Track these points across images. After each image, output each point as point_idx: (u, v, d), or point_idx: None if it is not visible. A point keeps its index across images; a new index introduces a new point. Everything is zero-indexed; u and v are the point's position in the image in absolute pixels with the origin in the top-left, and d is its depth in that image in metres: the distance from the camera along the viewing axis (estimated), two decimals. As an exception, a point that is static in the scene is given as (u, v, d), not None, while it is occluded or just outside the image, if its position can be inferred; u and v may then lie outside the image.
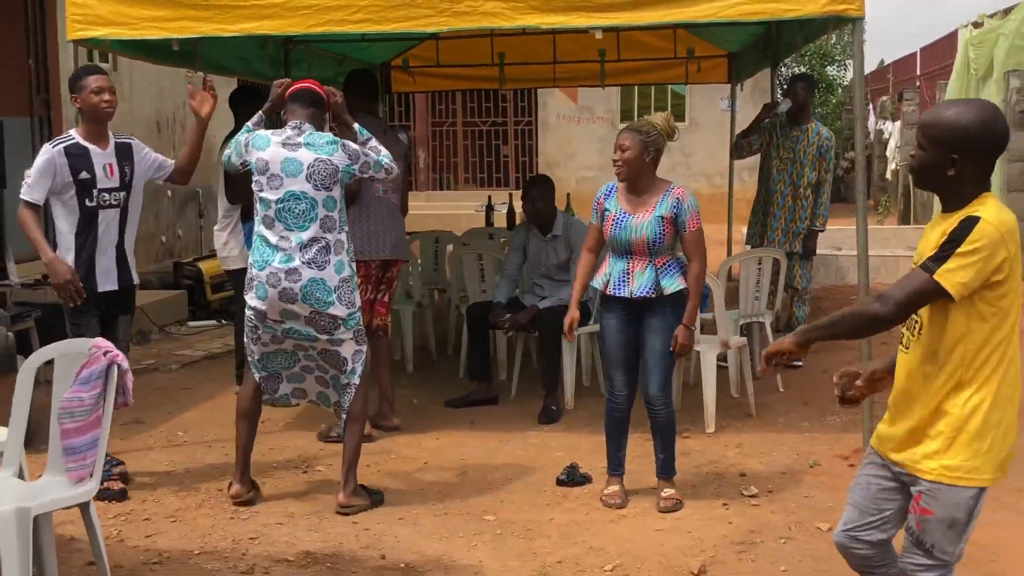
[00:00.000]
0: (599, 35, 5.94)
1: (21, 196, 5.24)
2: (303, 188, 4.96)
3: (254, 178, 5.05)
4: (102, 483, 5.16)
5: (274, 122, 5.43)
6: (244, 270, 6.90)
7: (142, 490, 5.40)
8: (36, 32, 10.38)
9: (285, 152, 5.00)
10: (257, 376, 5.22)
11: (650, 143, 5.03)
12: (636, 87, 19.30)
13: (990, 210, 2.86)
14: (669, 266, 5.05)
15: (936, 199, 3.13)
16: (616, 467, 5.28)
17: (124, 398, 3.86)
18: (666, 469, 5.21)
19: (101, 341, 3.90)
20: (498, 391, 7.16)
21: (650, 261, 5.04)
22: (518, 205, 11.29)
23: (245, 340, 5.23)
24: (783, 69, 22.76)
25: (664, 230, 5.02)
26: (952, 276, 2.83)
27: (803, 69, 26.29)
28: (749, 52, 10.15)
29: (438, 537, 4.77)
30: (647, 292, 5.03)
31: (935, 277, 2.85)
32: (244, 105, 7.12)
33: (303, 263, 4.93)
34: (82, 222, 5.26)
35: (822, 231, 7.94)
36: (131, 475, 5.56)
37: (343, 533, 4.81)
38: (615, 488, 5.21)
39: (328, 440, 6.23)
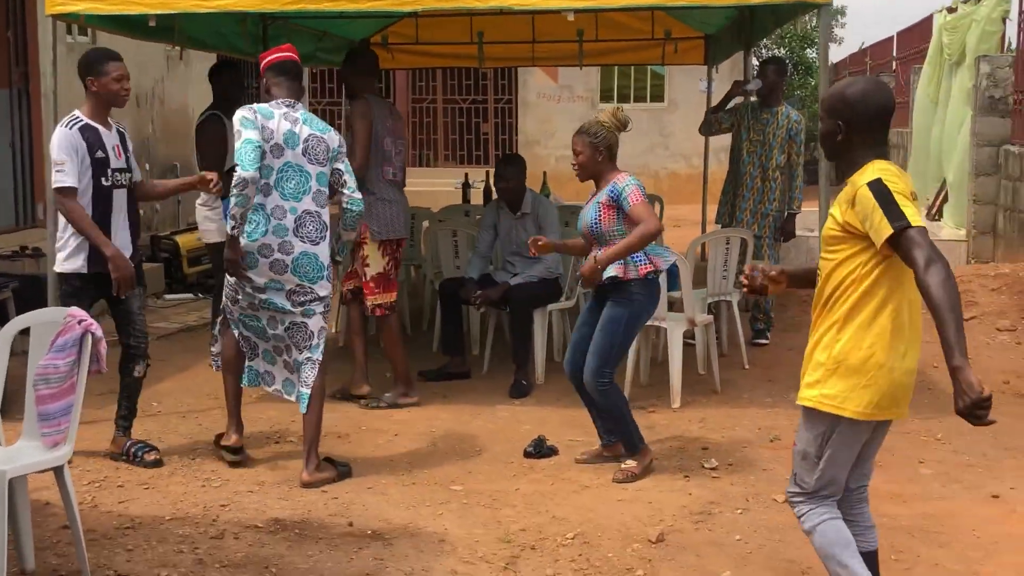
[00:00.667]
0: (571, 17, 6.04)
1: (59, 184, 5.13)
2: (299, 161, 5.09)
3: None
4: (138, 455, 5.39)
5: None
6: (222, 244, 7.05)
7: (115, 459, 5.50)
8: (15, 3, 10.39)
9: (287, 124, 5.11)
10: (237, 333, 5.36)
11: (599, 143, 5.18)
12: (616, 67, 19.39)
13: (877, 170, 3.14)
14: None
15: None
16: (600, 435, 5.46)
17: (98, 365, 3.96)
18: (624, 445, 5.34)
19: (76, 310, 4.00)
20: (471, 366, 7.28)
21: (597, 248, 5.20)
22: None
23: (225, 300, 5.37)
24: (762, 52, 22.88)
25: (600, 215, 5.16)
26: (916, 217, 3.05)
27: (783, 52, 26.42)
28: (725, 35, 10.27)
29: (405, 506, 4.89)
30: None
31: (913, 223, 3.02)
32: (222, 78, 7.21)
33: (296, 236, 5.06)
34: (99, 202, 5.28)
35: (798, 213, 8.05)
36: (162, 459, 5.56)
37: (312, 501, 4.93)
38: (595, 450, 5.50)
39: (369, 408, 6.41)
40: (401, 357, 6.54)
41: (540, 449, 5.60)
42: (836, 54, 28.77)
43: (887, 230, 3.05)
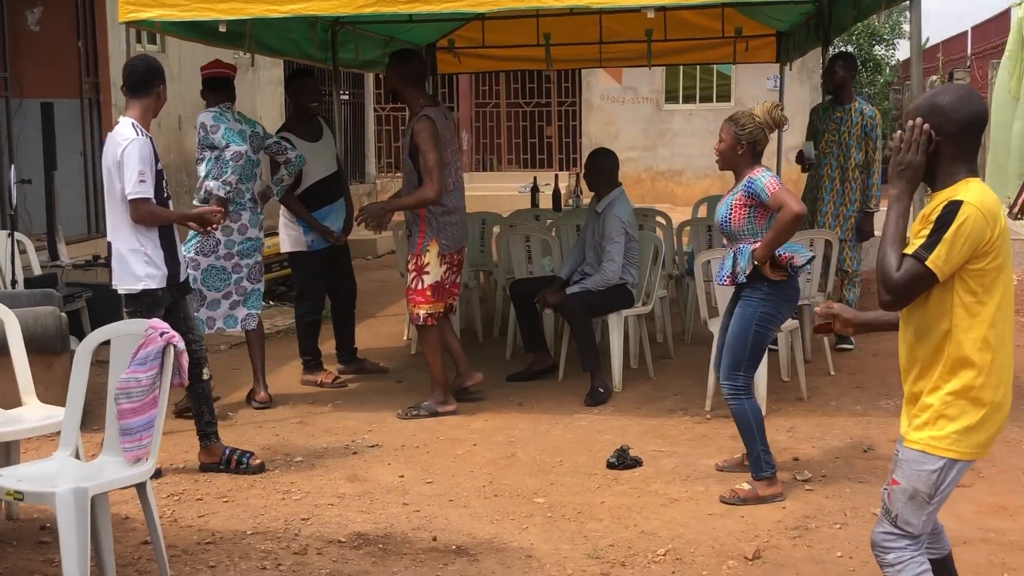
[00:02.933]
0: (651, 14, 5.87)
1: (139, 196, 5.00)
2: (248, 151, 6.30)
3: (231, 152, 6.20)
4: (243, 461, 5.38)
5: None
6: (297, 253, 7.00)
7: (195, 471, 5.44)
8: (86, 13, 10.45)
9: (237, 124, 6.35)
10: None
11: (743, 135, 4.98)
12: (681, 67, 19.16)
13: (972, 192, 2.96)
14: (744, 249, 4.98)
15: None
16: None
17: (180, 378, 3.88)
18: (750, 465, 5.02)
19: (157, 322, 3.92)
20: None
21: (731, 246, 5.06)
22: (563, 186, 11.27)
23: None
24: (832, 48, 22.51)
25: (731, 213, 4.99)
26: (939, 260, 2.92)
27: (851, 48, 25.99)
28: (799, 31, 10.03)
29: (488, 519, 4.76)
30: (721, 280, 5.11)
31: (928, 264, 2.93)
32: (291, 87, 7.15)
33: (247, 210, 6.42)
34: None
35: (876, 212, 7.78)
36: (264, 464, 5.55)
37: (394, 515, 4.81)
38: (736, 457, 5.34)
39: (407, 417, 6.32)
40: (441, 365, 6.43)
41: (623, 460, 5.44)
42: (905, 50, 28.21)
43: (912, 249, 2.96)
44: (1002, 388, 3.08)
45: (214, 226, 5.49)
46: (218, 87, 6.44)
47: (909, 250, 2.97)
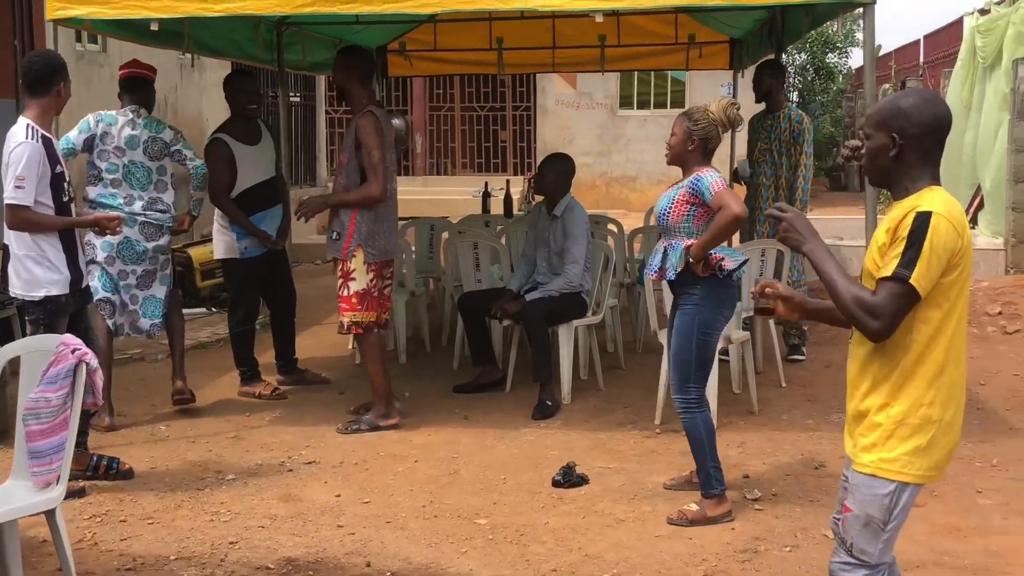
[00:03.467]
0: (599, 19, 5.70)
1: (12, 202, 4.78)
2: (140, 159, 6.21)
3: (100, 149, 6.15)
4: (112, 467, 5.20)
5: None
6: (230, 260, 6.77)
7: (120, 490, 5.19)
8: (23, 11, 10.13)
9: (128, 129, 6.19)
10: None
11: (696, 131, 4.83)
12: (635, 73, 19.06)
13: (939, 202, 2.84)
14: (676, 246, 4.83)
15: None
16: None
17: (93, 398, 3.65)
18: (700, 483, 4.85)
19: (69, 338, 3.69)
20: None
21: (665, 241, 4.92)
22: (515, 191, 11.10)
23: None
24: (786, 56, 22.51)
25: (671, 207, 4.84)
26: (921, 278, 2.79)
27: (804, 56, 26.07)
28: (752, 38, 9.93)
29: (427, 543, 4.56)
30: (650, 273, 4.97)
31: (912, 283, 2.79)
32: (229, 88, 6.90)
33: (147, 217, 6.23)
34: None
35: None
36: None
37: (327, 538, 4.60)
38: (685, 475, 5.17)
39: (347, 432, 6.11)
40: (383, 376, 6.22)
41: (569, 477, 5.26)
42: (857, 58, 28.36)
43: (890, 270, 2.80)
44: (953, 406, 2.93)
45: (111, 231, 5.32)
46: (130, 88, 6.29)
47: (887, 271, 2.82)
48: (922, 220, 2.79)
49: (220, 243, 6.83)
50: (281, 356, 7.22)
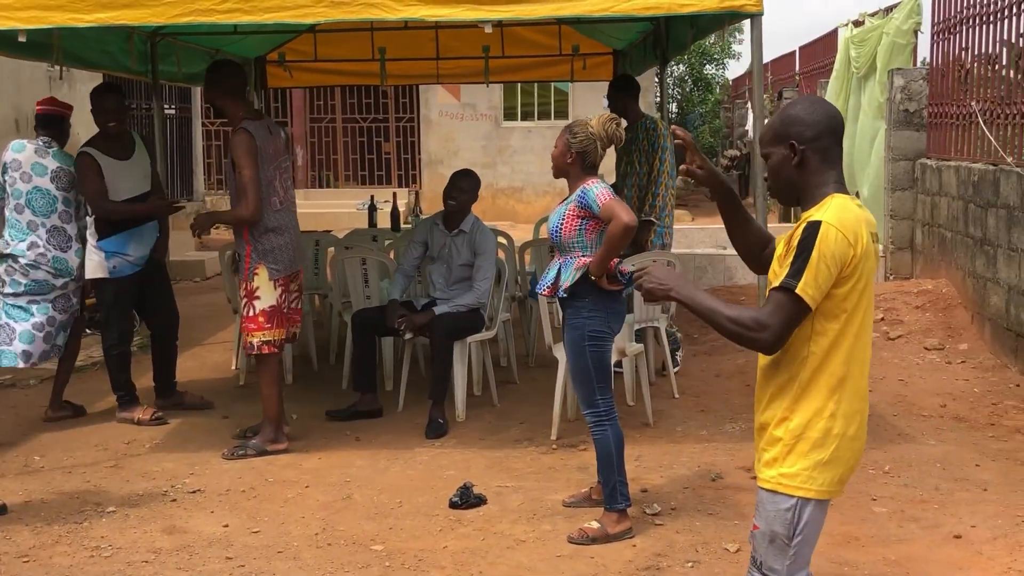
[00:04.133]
0: (488, 29, 5.61)
1: None
2: (47, 186, 6.39)
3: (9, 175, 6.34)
4: None
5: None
6: (100, 280, 6.46)
7: (-9, 526, 4.90)
8: None
9: (36, 157, 6.38)
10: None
11: (574, 144, 4.80)
12: (519, 84, 19.08)
13: (832, 211, 2.80)
14: (568, 262, 4.78)
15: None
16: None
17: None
18: (604, 498, 4.77)
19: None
20: (384, 403, 6.78)
21: (559, 258, 4.86)
22: (402, 203, 10.94)
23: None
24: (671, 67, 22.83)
25: (562, 222, 4.77)
26: (808, 288, 2.74)
27: (682, 67, 26.48)
28: (636, 50, 9.99)
29: (320, 572, 4.38)
30: (540, 289, 4.93)
31: (799, 293, 2.74)
32: (93, 105, 6.59)
33: (49, 245, 6.40)
34: None
35: (653, 220, 7.32)
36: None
37: (216, 571, 4.39)
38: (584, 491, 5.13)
39: (233, 457, 5.88)
40: (277, 400, 6.03)
41: (467, 498, 5.13)
42: (734, 70, 28.96)
43: (778, 281, 2.77)
44: (857, 419, 2.88)
45: None
46: (45, 124, 6.55)
47: (776, 282, 2.78)
48: (811, 230, 2.75)
49: (89, 263, 6.51)
50: (159, 378, 6.93)
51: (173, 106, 16.10)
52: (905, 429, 6.24)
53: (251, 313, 5.93)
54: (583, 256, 4.75)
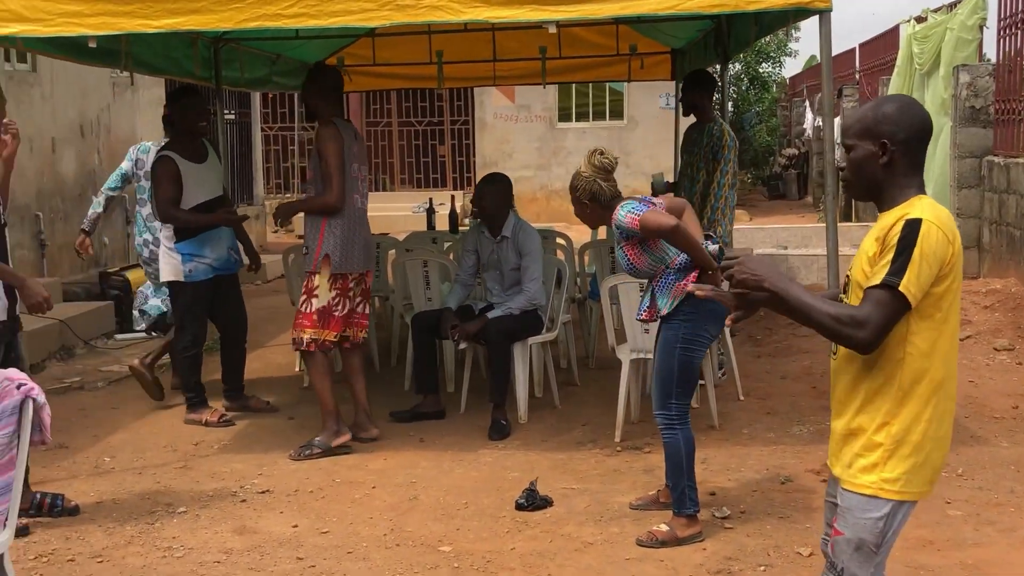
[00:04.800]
0: (552, 30, 5.59)
1: None
2: None
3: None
4: (57, 504, 5.02)
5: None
6: (176, 283, 6.54)
7: (66, 526, 4.96)
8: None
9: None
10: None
11: (582, 195, 4.83)
12: (574, 85, 19.04)
13: (928, 209, 2.76)
14: (663, 284, 4.74)
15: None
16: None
17: (41, 436, 3.43)
18: (673, 502, 4.74)
19: (14, 372, 3.47)
20: (446, 405, 6.80)
21: (650, 284, 4.83)
22: (459, 205, 10.95)
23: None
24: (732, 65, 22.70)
25: (628, 258, 4.73)
26: (911, 285, 2.69)
27: (739, 66, 26.23)
28: (695, 48, 9.90)
29: (391, 573, 4.40)
30: (639, 315, 4.93)
31: (902, 290, 2.69)
32: (176, 106, 6.69)
33: None
34: None
35: (716, 242, 7.22)
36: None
37: (287, 572, 4.42)
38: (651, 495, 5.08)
39: (300, 458, 5.95)
40: (330, 393, 6.08)
41: (532, 500, 5.12)
42: (791, 68, 28.69)
43: (879, 277, 2.70)
44: (948, 419, 2.86)
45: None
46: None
47: (876, 279, 2.72)
48: (912, 227, 2.70)
49: (166, 265, 6.60)
50: (228, 381, 7.00)
51: (233, 111, 16.27)
52: (977, 431, 6.13)
53: (307, 310, 6.02)
54: (674, 277, 4.70)
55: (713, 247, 4.70)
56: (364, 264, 6.17)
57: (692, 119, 7.57)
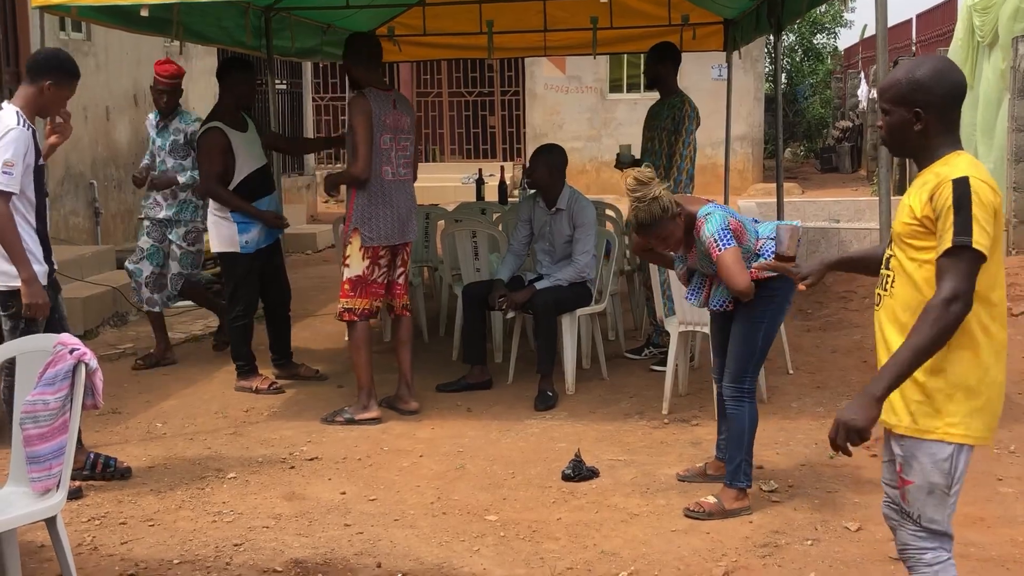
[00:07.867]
0: (603, -1, 5.55)
1: (2, 188, 4.60)
2: None
3: None
4: (111, 465, 5.10)
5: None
6: (231, 253, 6.59)
7: (118, 489, 5.05)
8: (4, 0, 9.92)
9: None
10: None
11: (651, 227, 4.54)
12: (625, 55, 18.90)
13: (970, 166, 2.85)
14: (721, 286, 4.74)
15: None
16: (718, 447, 5.04)
17: (93, 400, 3.50)
18: (727, 473, 4.73)
19: (67, 337, 3.54)
20: (494, 375, 6.81)
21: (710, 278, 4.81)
22: (509, 176, 10.94)
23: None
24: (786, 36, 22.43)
25: (714, 265, 4.62)
26: (982, 238, 2.76)
27: (793, 37, 25.91)
28: (747, 19, 9.78)
29: (437, 541, 4.43)
30: (689, 297, 4.95)
31: (975, 246, 2.75)
32: (228, 78, 6.71)
33: None
34: (40, 214, 4.89)
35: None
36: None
37: (335, 537, 4.46)
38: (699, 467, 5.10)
39: (331, 422, 6.02)
40: (365, 366, 6.10)
41: (579, 471, 5.13)
42: (846, 39, 28.26)
43: (947, 242, 2.76)
44: (1001, 363, 2.92)
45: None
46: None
47: (944, 246, 2.77)
48: (962, 186, 2.78)
49: (218, 235, 6.65)
50: (276, 350, 7.06)
51: (285, 81, 16.34)
52: (1031, 408, 6.04)
53: (343, 279, 6.07)
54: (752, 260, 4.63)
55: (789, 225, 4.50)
56: (391, 237, 6.10)
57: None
